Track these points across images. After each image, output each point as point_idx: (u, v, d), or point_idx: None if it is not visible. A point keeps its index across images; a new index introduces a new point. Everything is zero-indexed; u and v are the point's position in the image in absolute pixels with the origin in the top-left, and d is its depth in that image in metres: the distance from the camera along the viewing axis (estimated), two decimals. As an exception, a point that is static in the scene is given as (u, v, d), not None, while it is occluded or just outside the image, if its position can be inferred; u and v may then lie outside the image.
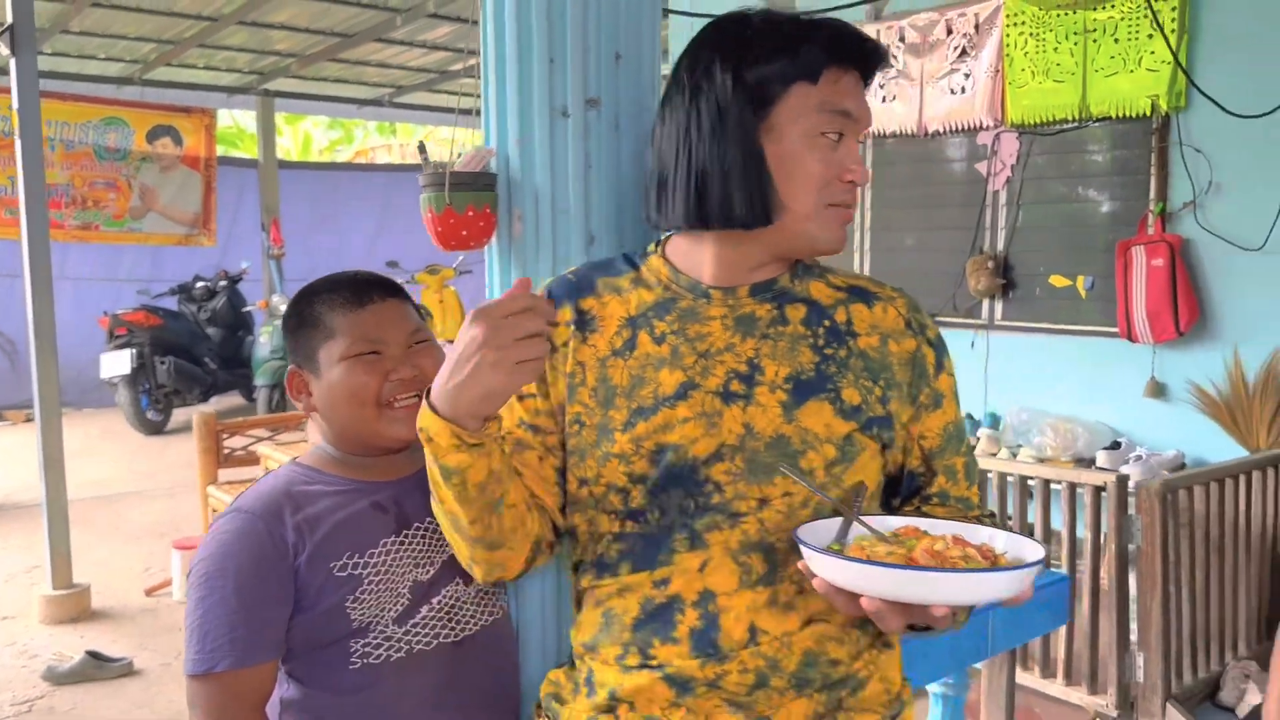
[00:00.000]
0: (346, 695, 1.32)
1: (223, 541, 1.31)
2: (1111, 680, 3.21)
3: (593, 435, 1.17)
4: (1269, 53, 3.83)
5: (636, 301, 1.22)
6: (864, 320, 1.21)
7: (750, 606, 1.13)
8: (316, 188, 10.50)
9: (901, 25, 4.93)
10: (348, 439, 1.41)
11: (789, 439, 1.13)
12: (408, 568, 1.36)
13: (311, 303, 1.41)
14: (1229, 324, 4.09)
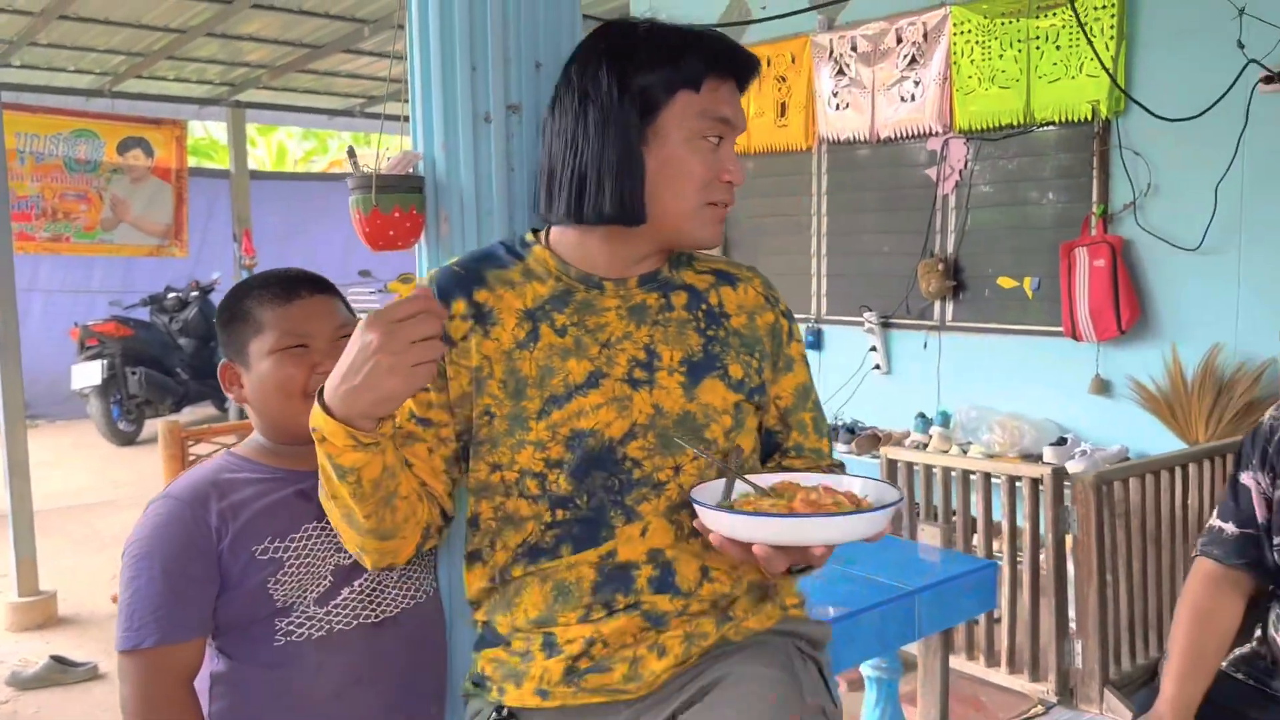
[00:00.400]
0: (270, 670, 1.39)
1: (153, 526, 1.38)
2: (1052, 667, 3.31)
3: (504, 425, 1.25)
4: (1201, 57, 3.94)
5: (532, 294, 1.30)
6: (732, 301, 1.35)
7: (694, 553, 1.27)
8: (288, 198, 10.55)
9: (853, 35, 5.04)
10: (276, 429, 1.47)
11: (694, 415, 1.27)
12: (329, 552, 1.43)
13: (243, 298, 1.48)
14: (1168, 322, 4.20)
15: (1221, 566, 1.78)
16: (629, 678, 1.25)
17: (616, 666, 1.25)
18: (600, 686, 1.26)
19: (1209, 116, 3.83)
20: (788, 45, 5.28)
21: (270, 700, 1.40)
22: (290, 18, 7.21)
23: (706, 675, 1.22)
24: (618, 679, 1.25)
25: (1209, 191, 3.96)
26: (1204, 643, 1.72)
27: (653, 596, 1.26)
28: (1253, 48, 3.73)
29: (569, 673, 1.26)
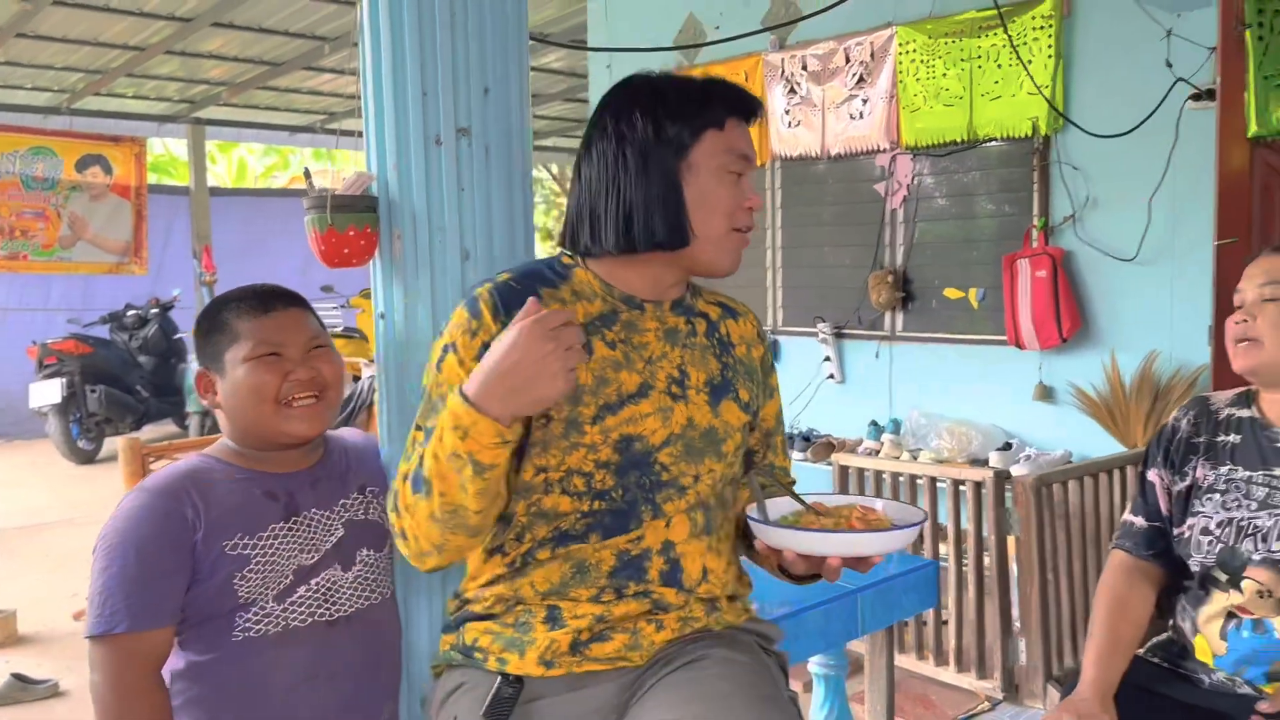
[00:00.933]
0: (228, 664, 1.46)
1: (126, 516, 1.44)
2: (997, 665, 3.42)
3: (560, 428, 1.36)
4: (1133, 76, 4.08)
5: (583, 312, 1.41)
6: (735, 332, 1.54)
7: (699, 552, 1.43)
8: (248, 214, 10.53)
9: (804, 54, 5.17)
10: (249, 434, 1.55)
11: (716, 429, 1.44)
12: (293, 552, 1.50)
13: (220, 310, 1.56)
14: (1107, 330, 4.34)
15: (1133, 558, 1.89)
16: (630, 647, 1.38)
17: (618, 636, 1.38)
18: (603, 655, 1.38)
19: (1141, 133, 3.98)
20: (741, 64, 5.40)
21: (226, 694, 1.46)
22: (250, 35, 7.25)
23: (689, 653, 1.38)
24: (619, 648, 1.38)
25: (1143, 205, 4.12)
26: (1119, 628, 1.82)
27: (661, 588, 1.40)
28: (1180, 67, 3.89)
29: (575, 645, 1.37)
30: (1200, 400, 1.92)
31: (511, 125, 1.76)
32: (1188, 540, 1.80)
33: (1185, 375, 4.03)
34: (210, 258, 9.35)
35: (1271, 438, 1.77)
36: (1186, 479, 1.84)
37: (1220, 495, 1.78)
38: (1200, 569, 1.77)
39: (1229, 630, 1.72)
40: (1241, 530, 1.74)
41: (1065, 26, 4.28)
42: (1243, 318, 1.78)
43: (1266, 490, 1.74)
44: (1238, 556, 1.73)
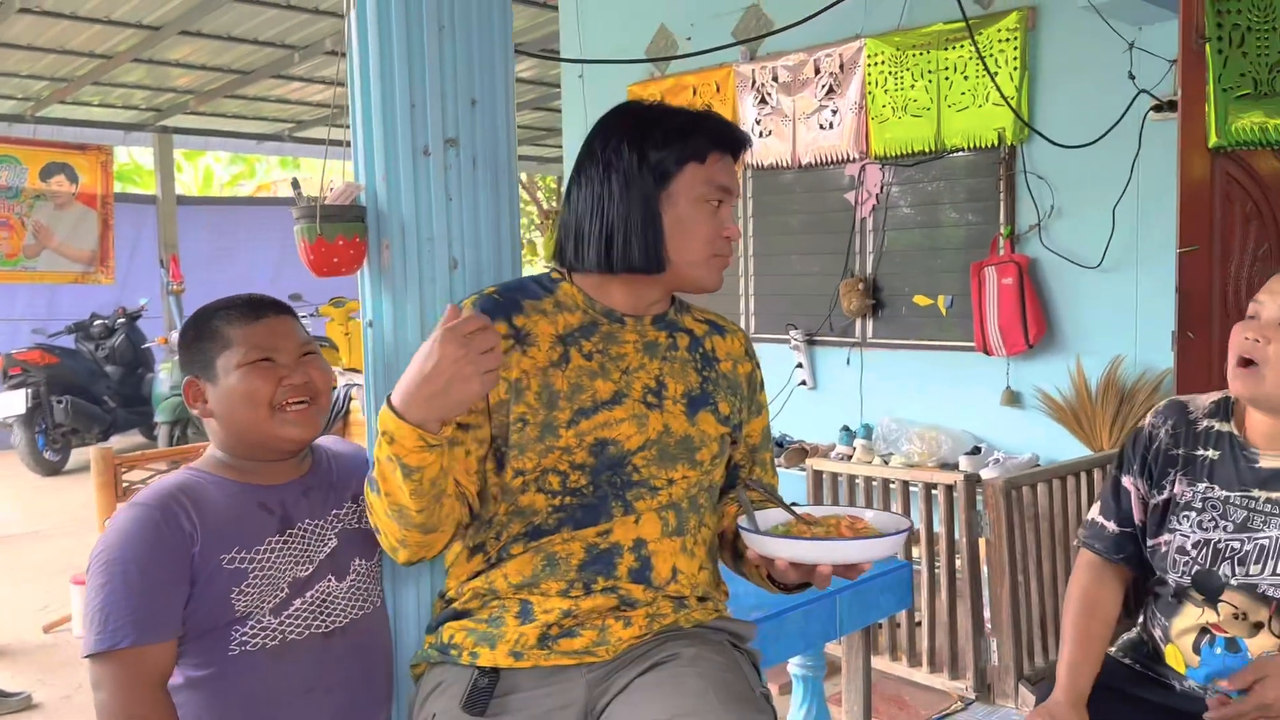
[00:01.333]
0: (226, 679, 1.45)
1: (121, 531, 1.43)
2: (969, 665, 3.48)
3: (535, 431, 1.42)
4: (1096, 87, 4.18)
5: (563, 323, 1.49)
6: (721, 349, 1.60)
7: (671, 551, 1.48)
8: (216, 222, 10.47)
9: (774, 65, 5.24)
10: (242, 441, 1.54)
11: (692, 438, 1.50)
12: (289, 564, 1.50)
13: (209, 318, 1.56)
14: (1072, 336, 4.43)
15: (1102, 559, 1.90)
16: (597, 643, 1.42)
17: (585, 633, 1.42)
18: (570, 650, 1.42)
19: (1105, 143, 4.08)
20: (712, 75, 5.46)
21: (226, 709, 1.46)
22: (219, 43, 7.22)
23: (660, 652, 1.42)
24: (587, 643, 1.42)
25: (1107, 213, 4.21)
26: (1091, 629, 1.83)
27: (629, 585, 1.45)
28: (1143, 79, 3.99)
29: (543, 638, 1.42)
30: (1178, 407, 1.86)
31: (498, 136, 1.79)
32: (1164, 555, 1.79)
33: (1150, 380, 4.13)
34: (178, 267, 9.26)
35: (1250, 459, 1.73)
36: (1164, 492, 1.80)
37: (1196, 514, 1.75)
38: (1175, 585, 1.76)
39: (1202, 645, 1.72)
40: (1219, 554, 1.71)
41: (1030, 39, 4.37)
42: (1255, 336, 1.67)
43: (1245, 513, 1.71)
44: (1215, 579, 1.71)
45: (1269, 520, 1.67)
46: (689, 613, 1.49)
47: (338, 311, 9.29)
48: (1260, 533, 1.67)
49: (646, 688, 1.37)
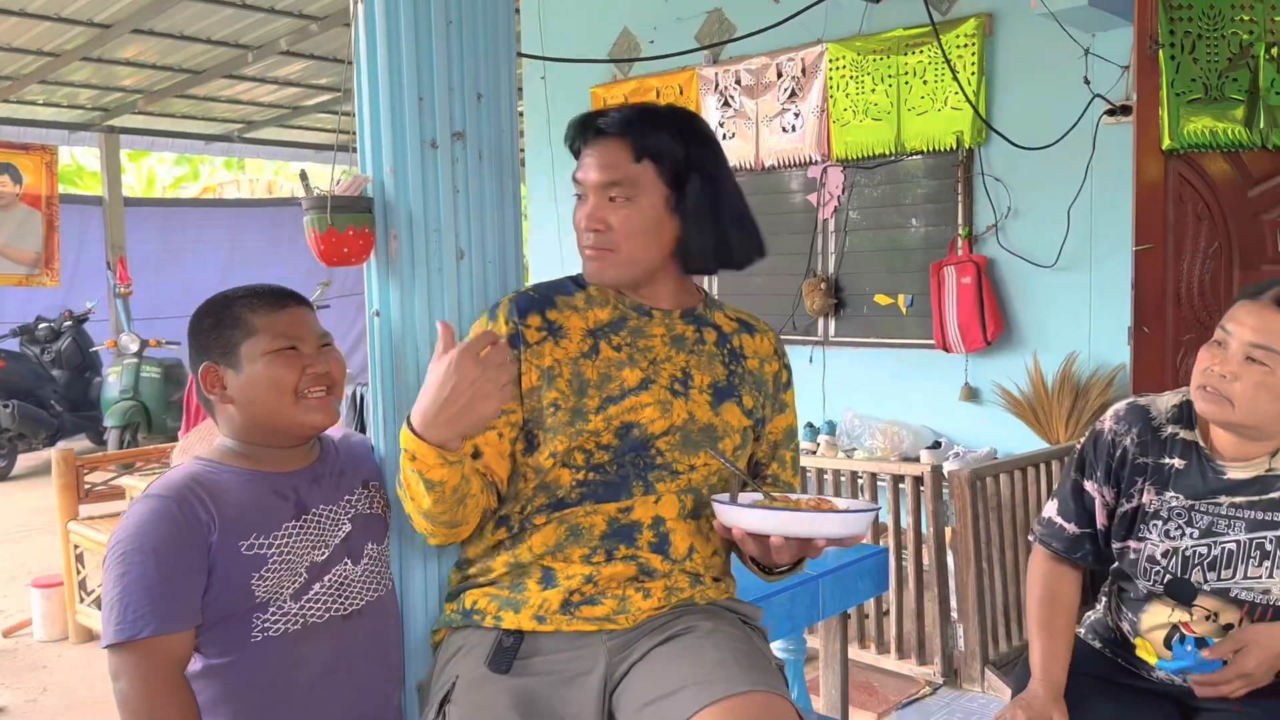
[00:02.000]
0: (249, 665, 1.47)
1: (139, 522, 1.44)
2: (937, 651, 3.58)
3: (566, 416, 1.49)
4: (1052, 92, 4.33)
5: (594, 318, 1.57)
6: (750, 346, 1.65)
7: (688, 531, 1.54)
8: (163, 224, 10.32)
9: (737, 69, 5.32)
10: (261, 427, 1.56)
11: (715, 427, 1.55)
12: (306, 549, 1.53)
13: (230, 306, 1.57)
14: (1029, 333, 4.58)
15: (1058, 556, 1.91)
16: (618, 611, 1.47)
17: (607, 601, 1.48)
18: (592, 616, 1.47)
19: (1060, 146, 4.22)
20: (675, 78, 5.54)
21: (250, 694, 1.47)
22: (171, 42, 7.13)
23: (678, 625, 1.48)
24: (607, 611, 1.47)
25: (1062, 214, 4.36)
26: (1055, 621, 1.86)
27: (649, 554, 1.51)
28: (1097, 84, 4.13)
29: (565, 604, 1.47)
30: (1140, 412, 1.84)
31: (502, 130, 1.83)
32: (1133, 561, 1.80)
33: (1103, 375, 4.28)
34: (125, 269, 9.11)
35: (1218, 470, 1.74)
36: (1132, 501, 1.81)
37: (1164, 523, 1.76)
38: (1146, 591, 1.79)
39: (1173, 642, 1.76)
40: (1188, 561, 1.73)
41: (988, 45, 4.51)
42: (1222, 371, 1.67)
43: (1210, 519, 1.73)
44: (1188, 587, 1.74)
45: (1233, 524, 1.70)
46: (704, 590, 1.55)
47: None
48: (1225, 537, 1.71)
49: (666, 656, 1.43)
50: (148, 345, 8.18)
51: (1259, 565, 1.69)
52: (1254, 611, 1.71)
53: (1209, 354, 1.71)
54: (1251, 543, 1.69)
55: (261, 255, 10.79)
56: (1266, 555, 1.69)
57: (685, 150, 1.54)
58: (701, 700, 1.32)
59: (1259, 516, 1.70)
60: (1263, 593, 1.70)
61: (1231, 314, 1.70)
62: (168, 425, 8.20)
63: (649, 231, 1.53)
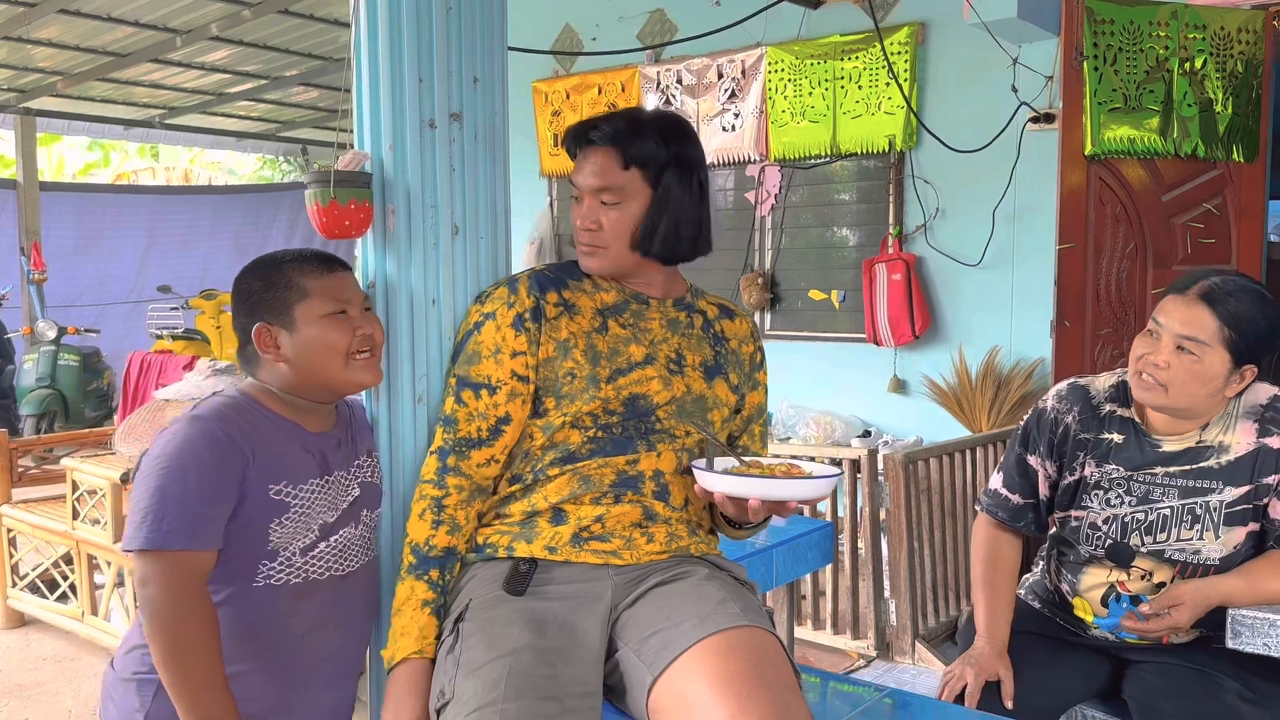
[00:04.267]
0: (243, 608, 1.54)
1: (185, 439, 1.49)
2: (870, 626, 3.76)
3: (582, 384, 1.65)
4: (981, 99, 4.55)
5: (601, 300, 1.74)
6: (730, 330, 1.82)
7: (684, 485, 1.69)
8: (80, 209, 10.03)
9: (678, 68, 5.46)
10: (312, 385, 1.63)
11: (707, 398, 1.73)
12: (321, 508, 1.60)
13: (280, 268, 1.63)
14: (955, 328, 4.81)
15: (1001, 524, 2.09)
16: (624, 547, 1.62)
17: (614, 540, 1.62)
18: (599, 550, 1.61)
19: (987, 150, 4.45)
20: (618, 75, 5.65)
21: (239, 635, 1.54)
22: (94, 24, 6.96)
23: (679, 569, 1.62)
24: (614, 548, 1.62)
25: (987, 216, 4.59)
26: (998, 581, 2.04)
27: (651, 500, 1.66)
28: (1024, 92, 4.37)
29: (575, 537, 1.61)
30: (1079, 391, 1.99)
31: (495, 113, 1.93)
32: (1075, 529, 1.96)
33: (1024, 368, 4.52)
34: (40, 254, 8.88)
35: (1154, 444, 1.90)
36: (1075, 474, 1.96)
37: (1104, 493, 1.92)
38: (1088, 555, 1.96)
39: (1110, 600, 1.94)
40: (1126, 527, 1.90)
41: (920, 53, 4.72)
42: (1156, 360, 1.83)
43: (1146, 487, 1.89)
44: (1126, 550, 1.90)
45: (1167, 491, 1.89)
46: (699, 541, 1.70)
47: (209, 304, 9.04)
48: (1160, 504, 1.89)
49: (669, 593, 1.55)
50: (65, 333, 7.99)
51: (1190, 528, 1.88)
52: (1185, 570, 1.90)
53: (1143, 344, 1.88)
54: (1184, 508, 1.88)
55: (182, 244, 10.58)
56: (1197, 519, 1.87)
57: (667, 153, 1.69)
58: (703, 631, 1.45)
59: (1190, 484, 1.88)
60: (1194, 553, 1.88)
61: (1162, 307, 1.88)
62: (85, 414, 8.01)
63: (633, 232, 1.69)
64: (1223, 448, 1.87)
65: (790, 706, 1.37)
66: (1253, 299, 1.82)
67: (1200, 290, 1.83)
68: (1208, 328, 1.80)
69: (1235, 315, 1.80)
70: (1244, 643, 1.75)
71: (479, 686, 1.41)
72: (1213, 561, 1.88)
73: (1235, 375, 1.83)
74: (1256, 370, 1.85)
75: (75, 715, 3.38)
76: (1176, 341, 1.81)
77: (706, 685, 1.38)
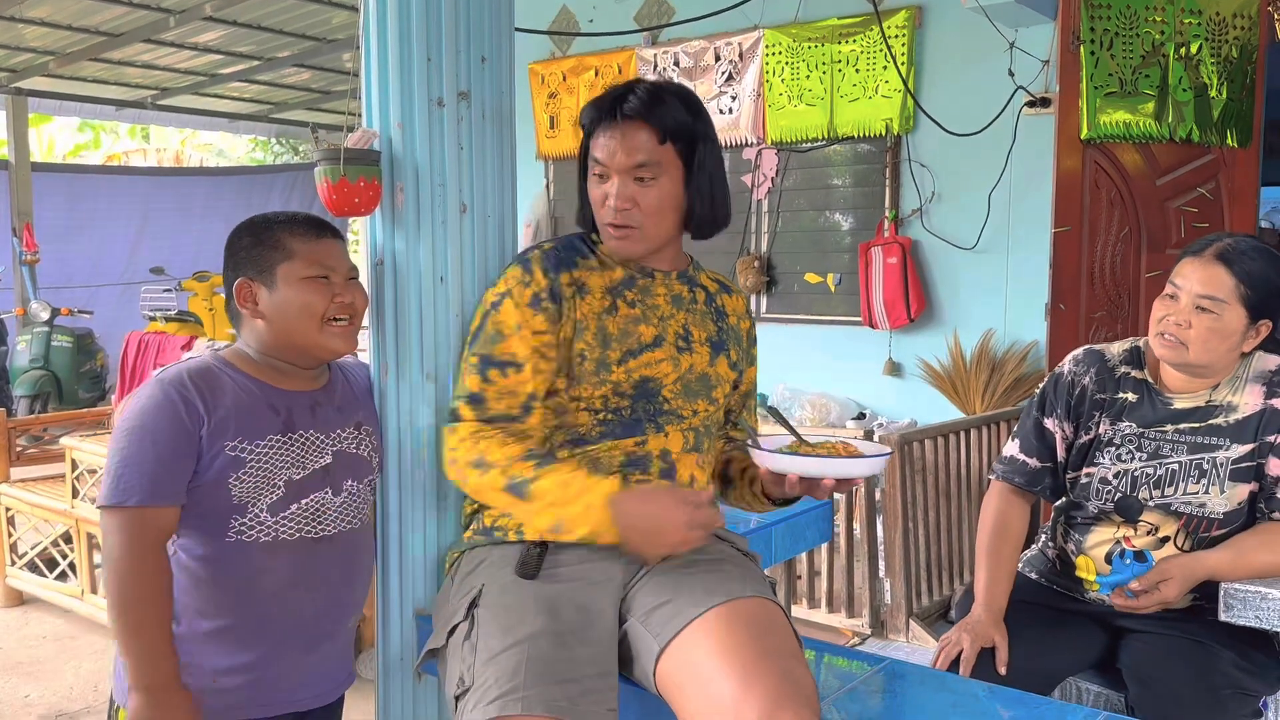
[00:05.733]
0: (220, 564, 1.60)
1: (144, 405, 1.57)
2: (865, 604, 3.80)
3: (592, 365, 1.64)
4: (978, 83, 4.58)
5: (609, 278, 1.71)
6: (728, 305, 1.82)
7: (691, 464, 1.71)
8: (73, 191, 9.98)
9: (676, 51, 5.47)
10: (285, 345, 1.66)
11: (710, 377, 1.73)
12: (284, 465, 1.63)
13: (270, 228, 1.67)
14: (949, 311, 4.84)
15: (1016, 489, 2.13)
16: None
17: None
18: None
19: (983, 135, 4.48)
20: (615, 57, 5.66)
21: (217, 591, 1.61)
22: (88, 4, 6.93)
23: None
24: None
25: (983, 199, 4.62)
26: (1003, 551, 2.07)
27: (658, 479, 1.67)
28: (1021, 76, 4.40)
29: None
30: (1096, 355, 2.07)
31: (502, 92, 1.95)
32: (1085, 486, 2.01)
33: (1018, 350, 4.56)
34: (32, 235, 8.84)
35: (1165, 402, 1.98)
36: (1090, 433, 2.02)
37: (1116, 449, 1.99)
38: (1097, 510, 2.02)
39: (1114, 556, 1.97)
40: (1136, 481, 1.96)
41: (917, 37, 4.74)
42: (1178, 320, 1.91)
43: (1156, 444, 1.96)
44: (1134, 503, 1.96)
45: (1176, 447, 1.96)
46: None
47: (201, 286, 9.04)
48: (1169, 459, 1.96)
49: (676, 568, 1.57)
50: (59, 314, 7.97)
51: (1197, 482, 1.95)
52: (1189, 523, 1.96)
53: (1163, 306, 1.96)
54: (1191, 463, 1.95)
55: (175, 226, 10.53)
56: (1204, 473, 1.95)
57: (697, 126, 1.68)
58: (709, 602, 1.48)
59: (1199, 441, 1.96)
60: (1199, 506, 1.95)
61: (1179, 270, 1.96)
62: (79, 395, 8.01)
63: (672, 209, 1.67)
64: (1231, 407, 1.95)
65: (795, 674, 1.40)
66: (1265, 257, 1.91)
67: (1216, 251, 1.92)
68: (1225, 285, 1.89)
69: (1250, 273, 1.89)
70: (1236, 615, 1.79)
71: (499, 673, 1.43)
72: (1216, 515, 1.94)
73: (1251, 330, 1.93)
74: (1271, 325, 1.94)
75: (75, 692, 3.40)
76: (1196, 301, 1.90)
77: (713, 655, 1.41)
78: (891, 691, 1.73)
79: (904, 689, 1.76)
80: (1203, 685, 1.83)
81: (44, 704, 3.32)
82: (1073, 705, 1.67)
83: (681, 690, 1.43)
